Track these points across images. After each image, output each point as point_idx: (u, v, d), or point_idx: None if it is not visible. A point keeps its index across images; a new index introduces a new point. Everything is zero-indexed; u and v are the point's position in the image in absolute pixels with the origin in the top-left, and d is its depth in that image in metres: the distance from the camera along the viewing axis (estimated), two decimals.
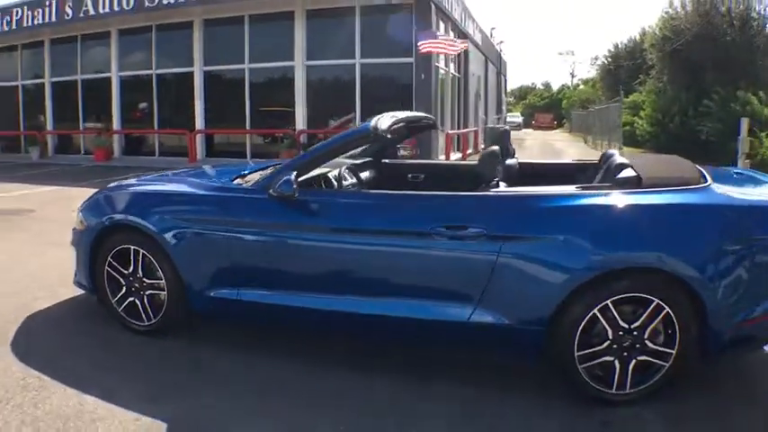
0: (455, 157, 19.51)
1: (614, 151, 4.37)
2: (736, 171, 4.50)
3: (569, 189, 3.73)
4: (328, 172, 4.74)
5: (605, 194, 3.55)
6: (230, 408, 3.48)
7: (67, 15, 19.89)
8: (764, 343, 3.66)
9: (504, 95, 46.53)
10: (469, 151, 23.10)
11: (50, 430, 3.20)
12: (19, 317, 4.85)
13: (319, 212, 3.99)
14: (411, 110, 16.08)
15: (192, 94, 19.60)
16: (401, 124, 4.62)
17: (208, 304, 4.27)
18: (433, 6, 16.38)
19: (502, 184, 4.10)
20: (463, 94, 24.16)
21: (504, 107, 42.40)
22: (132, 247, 4.45)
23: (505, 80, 48.83)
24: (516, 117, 64.71)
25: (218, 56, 19.50)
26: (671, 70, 23.82)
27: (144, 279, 4.46)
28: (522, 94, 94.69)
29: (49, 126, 23.00)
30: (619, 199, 3.46)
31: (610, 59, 40.80)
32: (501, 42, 40.84)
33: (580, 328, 3.35)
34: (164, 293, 4.38)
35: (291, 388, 3.72)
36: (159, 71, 20.54)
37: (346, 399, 3.57)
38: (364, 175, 5.46)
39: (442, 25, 19.22)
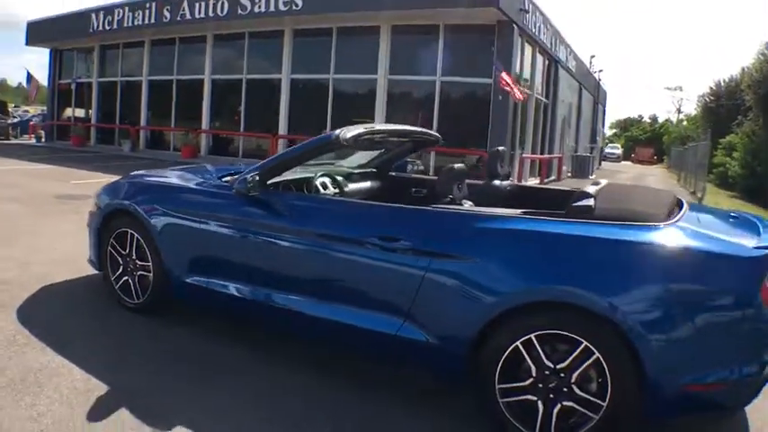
0: (533, 182, 19.20)
1: (603, 180, 4.13)
2: (734, 214, 4.01)
3: (507, 212, 3.63)
4: (313, 178, 4.79)
5: (542, 222, 3.35)
6: (172, 386, 3.65)
7: (165, 18, 20.92)
8: (731, 410, 3.28)
9: (600, 125, 45.41)
10: (552, 177, 22.71)
11: (12, 376, 3.56)
12: (36, 285, 5.26)
13: (274, 211, 4.10)
14: (487, 131, 16.05)
15: (277, 100, 20.15)
16: (379, 136, 4.74)
17: (184, 289, 4.49)
18: (515, 28, 16.22)
19: (467, 202, 4.02)
20: (550, 120, 23.76)
21: (598, 137, 41.34)
22: (129, 231, 4.77)
23: (604, 110, 47.73)
24: (616, 149, 63.54)
25: (305, 65, 19.99)
26: (766, 113, 22.67)
27: (136, 261, 4.76)
28: (627, 125, 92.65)
29: (143, 122, 24.10)
30: (553, 228, 3.27)
31: (711, 98, 39.34)
32: (600, 71, 39.99)
33: (502, 358, 3.17)
34: (151, 275, 4.64)
35: (234, 378, 3.83)
36: (249, 76, 21.28)
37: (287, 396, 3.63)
38: (364, 185, 5.50)
39: (528, 48, 19.05)
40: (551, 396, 3.10)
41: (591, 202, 3.42)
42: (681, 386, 2.96)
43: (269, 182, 4.25)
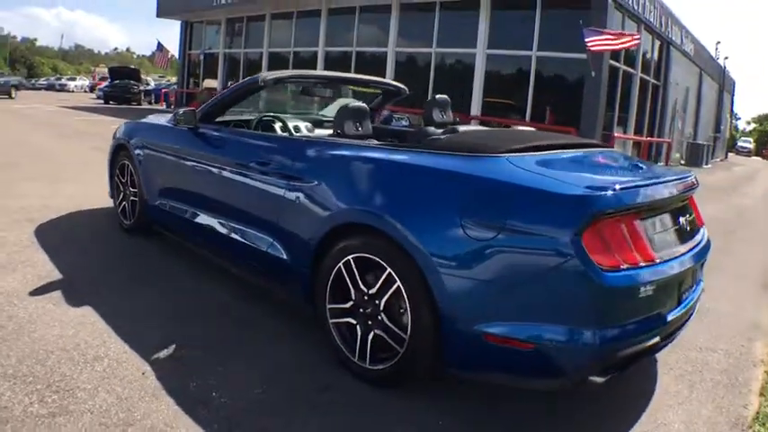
0: None
1: (522, 128, 4.16)
2: (637, 162, 3.66)
3: (355, 141, 3.86)
4: (255, 120, 5.10)
5: (377, 149, 3.47)
6: (113, 284, 4.33)
7: None
8: (570, 383, 2.71)
9: (727, 114, 43.34)
10: (660, 164, 22.13)
11: None
12: (69, 210, 6.33)
13: (197, 141, 4.66)
14: (580, 107, 15.97)
15: (383, 73, 20.72)
16: (313, 81, 5.37)
17: (152, 211, 5.21)
18: (609, 2, 16.09)
19: (373, 141, 4.17)
20: (661, 103, 23.22)
21: (723, 126, 39.50)
22: (126, 162, 5.61)
23: (732, 99, 45.41)
24: (748, 143, 60.95)
25: (410, 39, 20.61)
26: None
27: (129, 188, 5.56)
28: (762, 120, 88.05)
29: None
30: (383, 155, 3.34)
31: None
32: (726, 58, 38.18)
33: (330, 279, 3.28)
34: (137, 200, 5.45)
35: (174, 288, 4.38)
36: (358, 49, 22.19)
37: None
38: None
39: (631, 25, 18.79)
40: (369, 323, 3.13)
41: (440, 133, 3.55)
42: (480, 334, 2.71)
43: (217, 119, 4.83)
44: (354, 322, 3.20)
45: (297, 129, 4.91)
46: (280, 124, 4.96)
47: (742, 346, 4.17)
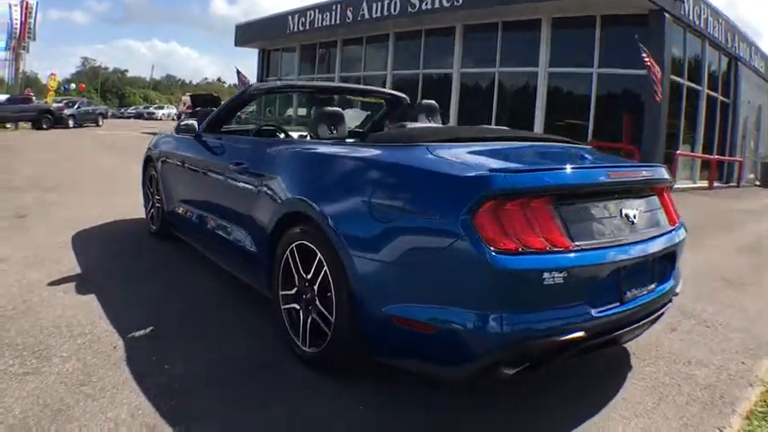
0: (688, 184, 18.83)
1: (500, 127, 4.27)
2: (588, 155, 3.48)
3: (307, 141, 4.29)
4: (255, 129, 5.65)
5: (320, 144, 3.82)
6: (121, 275, 4.88)
7: (348, 18, 23.25)
8: (475, 372, 2.64)
9: None
10: (731, 183, 21.80)
11: (28, 262, 5.09)
12: (106, 219, 7.00)
13: (198, 148, 5.02)
14: (642, 124, 15.98)
15: (449, 94, 21.35)
16: (307, 91, 6.03)
17: (171, 217, 5.64)
18: (666, 17, 16.08)
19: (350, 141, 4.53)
20: (731, 121, 22.85)
21: None
22: (153, 172, 6.10)
23: None
24: None
25: (473, 59, 21.07)
26: None
27: (155, 196, 6.04)
28: None
29: None
30: (325, 149, 3.62)
31: None
32: None
33: (281, 266, 3.45)
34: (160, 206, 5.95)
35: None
36: (425, 71, 22.76)
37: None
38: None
39: (694, 41, 18.83)
40: (309, 307, 3.26)
41: (386, 128, 3.86)
42: (389, 317, 2.78)
43: (222, 129, 5.16)
44: (298, 308, 3.36)
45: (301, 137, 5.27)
46: (280, 133, 5.42)
47: (742, 363, 3.72)
